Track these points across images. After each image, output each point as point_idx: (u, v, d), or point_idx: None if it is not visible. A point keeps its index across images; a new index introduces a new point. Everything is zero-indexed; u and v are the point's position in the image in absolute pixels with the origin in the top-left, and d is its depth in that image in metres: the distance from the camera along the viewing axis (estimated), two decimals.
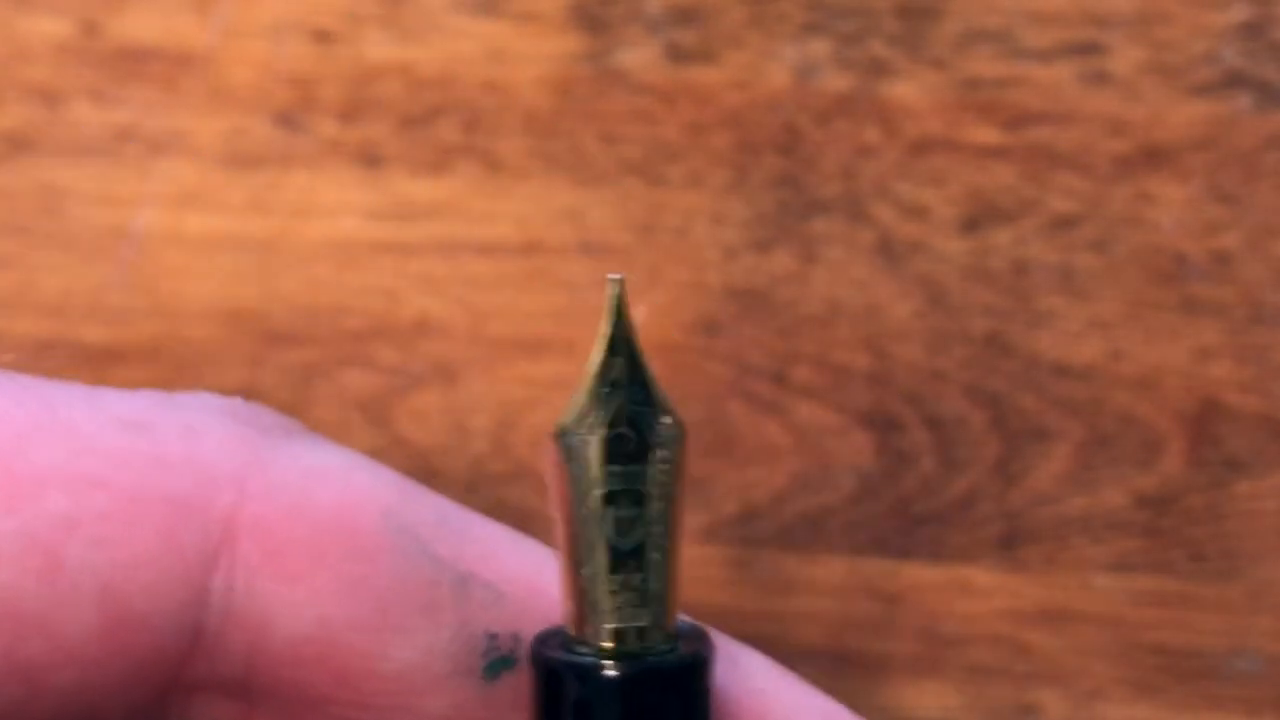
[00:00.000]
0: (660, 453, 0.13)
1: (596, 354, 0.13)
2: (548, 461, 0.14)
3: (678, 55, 0.22)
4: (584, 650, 0.14)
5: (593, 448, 0.13)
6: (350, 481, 0.14)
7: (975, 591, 0.21)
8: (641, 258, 0.23)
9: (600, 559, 0.14)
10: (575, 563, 0.14)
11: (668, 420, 0.14)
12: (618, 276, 0.13)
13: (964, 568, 0.21)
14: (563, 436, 0.14)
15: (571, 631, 0.14)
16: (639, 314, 0.22)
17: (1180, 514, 0.21)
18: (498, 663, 0.14)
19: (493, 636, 0.14)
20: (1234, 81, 0.21)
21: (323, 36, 0.22)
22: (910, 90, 0.22)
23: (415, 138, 0.23)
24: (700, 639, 0.14)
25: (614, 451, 0.13)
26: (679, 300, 0.23)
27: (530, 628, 0.14)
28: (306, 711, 0.15)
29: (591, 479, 0.14)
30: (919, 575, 0.22)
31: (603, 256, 0.23)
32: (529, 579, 0.15)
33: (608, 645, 0.14)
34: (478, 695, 0.14)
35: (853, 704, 0.15)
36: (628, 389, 0.13)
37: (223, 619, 0.14)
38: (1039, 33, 0.22)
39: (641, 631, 0.14)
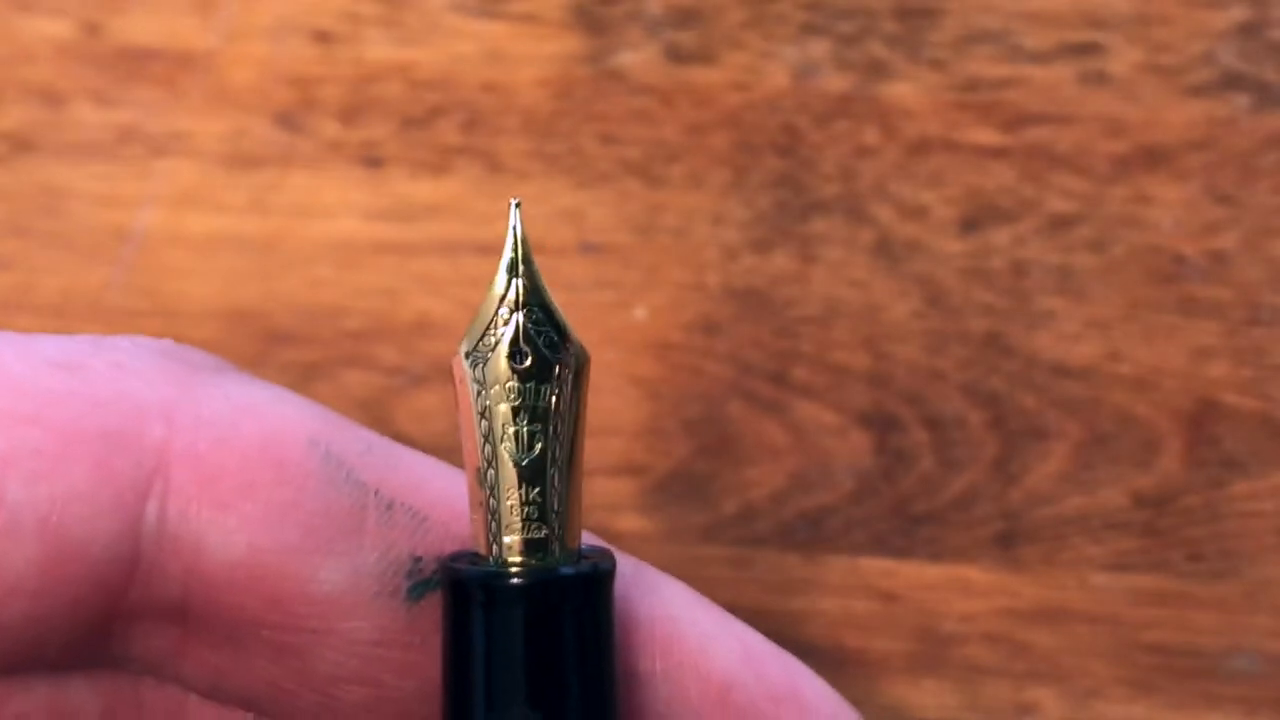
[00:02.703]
0: (560, 370, 0.14)
1: (497, 277, 0.14)
2: (455, 382, 0.14)
3: (677, 56, 0.23)
4: (489, 564, 0.14)
5: (492, 365, 0.14)
6: (277, 412, 0.15)
7: (973, 590, 0.22)
8: (641, 258, 0.23)
9: (504, 473, 0.14)
10: (480, 479, 0.14)
11: (567, 341, 0.14)
12: (517, 200, 0.14)
13: (962, 567, 0.22)
14: (467, 356, 0.14)
15: (480, 550, 0.14)
16: (638, 316, 0.23)
17: (1178, 514, 0.22)
18: (420, 585, 0.15)
19: (416, 560, 0.15)
20: (1231, 82, 0.22)
21: (323, 37, 0.22)
22: (909, 91, 0.22)
23: (415, 138, 0.23)
24: (603, 556, 0.15)
25: (513, 368, 0.14)
26: (679, 300, 0.23)
27: (453, 551, 0.15)
28: (240, 636, 0.15)
29: (493, 395, 0.14)
30: (917, 574, 0.22)
31: (603, 256, 0.23)
32: (452, 505, 0.15)
33: (512, 559, 0.14)
34: (402, 617, 0.15)
35: (851, 701, 0.15)
36: (527, 310, 0.14)
37: (157, 546, 0.15)
38: (1037, 34, 0.22)
39: (543, 544, 0.14)
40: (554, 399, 0.14)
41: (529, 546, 0.15)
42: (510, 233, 0.14)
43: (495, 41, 0.23)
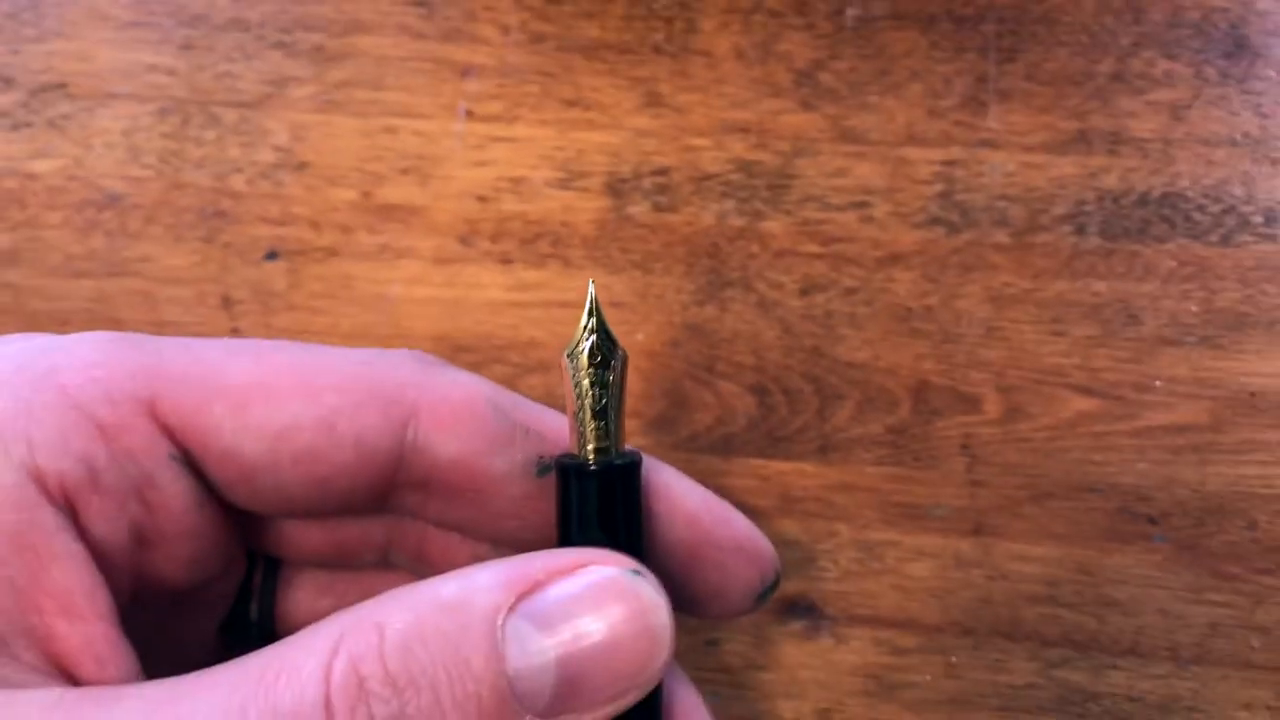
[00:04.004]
0: (614, 362, 0.20)
1: (582, 316, 0.20)
2: (561, 370, 0.20)
3: (659, 208, 0.33)
4: (579, 459, 0.20)
5: (579, 360, 0.20)
6: (473, 385, 0.21)
7: (806, 476, 0.30)
8: (640, 309, 0.32)
9: (585, 414, 0.20)
10: (575, 419, 0.20)
11: (618, 348, 0.20)
12: (591, 281, 0.20)
13: (800, 464, 0.30)
14: (568, 357, 0.20)
15: (575, 453, 0.20)
16: (639, 339, 0.31)
17: (908, 438, 0.30)
18: (544, 469, 0.21)
19: (541, 457, 0.21)
20: (935, 221, 0.32)
21: (482, 199, 0.33)
22: (775, 225, 0.32)
23: (528, 249, 0.32)
24: (636, 455, 0.20)
25: (591, 362, 0.20)
26: (659, 330, 0.32)
27: (560, 453, 0.20)
28: (455, 496, 0.21)
29: (581, 375, 0.20)
30: (779, 468, 0.30)
31: (621, 309, 0.32)
32: (559, 432, 0.21)
33: (589, 457, 0.20)
34: (535, 485, 0.21)
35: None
36: (596, 333, 0.20)
37: (413, 451, 0.20)
38: (838, 197, 0.32)
39: (605, 450, 0.20)
40: (610, 377, 0.20)
41: (598, 452, 0.20)
42: (589, 293, 0.20)
43: (568, 201, 0.33)
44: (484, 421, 0.20)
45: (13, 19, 0.36)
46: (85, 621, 0.18)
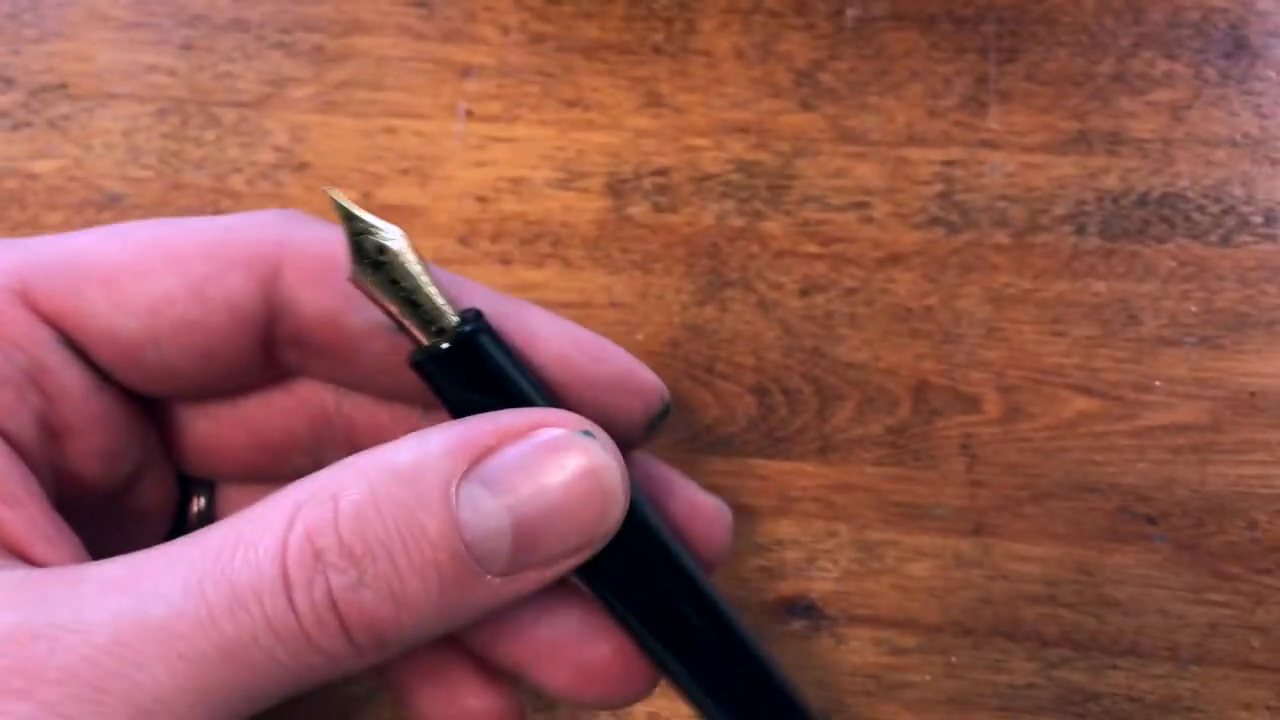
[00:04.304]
0: (391, 248, 0.19)
1: (340, 235, 0.19)
2: (365, 297, 0.19)
3: (658, 208, 0.33)
4: (427, 350, 0.19)
5: (363, 270, 0.18)
6: (334, 238, 0.20)
7: (805, 475, 0.30)
8: (640, 309, 0.32)
9: (405, 311, 0.19)
10: (400, 323, 0.19)
11: (385, 233, 0.19)
12: (332, 191, 0.18)
13: (800, 464, 0.30)
14: (352, 281, 0.19)
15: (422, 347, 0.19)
16: (639, 339, 0.30)
17: (908, 437, 0.30)
18: (400, 330, 0.19)
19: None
20: (934, 221, 0.32)
21: (482, 199, 0.33)
22: (775, 225, 0.32)
23: (528, 250, 0.32)
24: (475, 311, 0.19)
25: (366, 264, 0.18)
26: (659, 330, 0.32)
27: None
28: (328, 356, 0.21)
29: (372, 285, 0.19)
30: (779, 468, 0.30)
31: (621, 309, 0.31)
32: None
33: (433, 342, 0.19)
34: (391, 341, 0.20)
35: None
36: (359, 235, 0.19)
37: (281, 309, 0.20)
38: (838, 197, 0.33)
39: (442, 328, 0.19)
40: (398, 265, 0.19)
41: (437, 334, 0.19)
42: (335, 204, 0.18)
43: (568, 201, 0.33)
44: (341, 275, 0.20)
45: (13, 19, 0.36)
46: (25, 506, 0.18)
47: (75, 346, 0.20)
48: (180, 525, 0.24)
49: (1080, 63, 0.34)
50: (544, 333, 0.21)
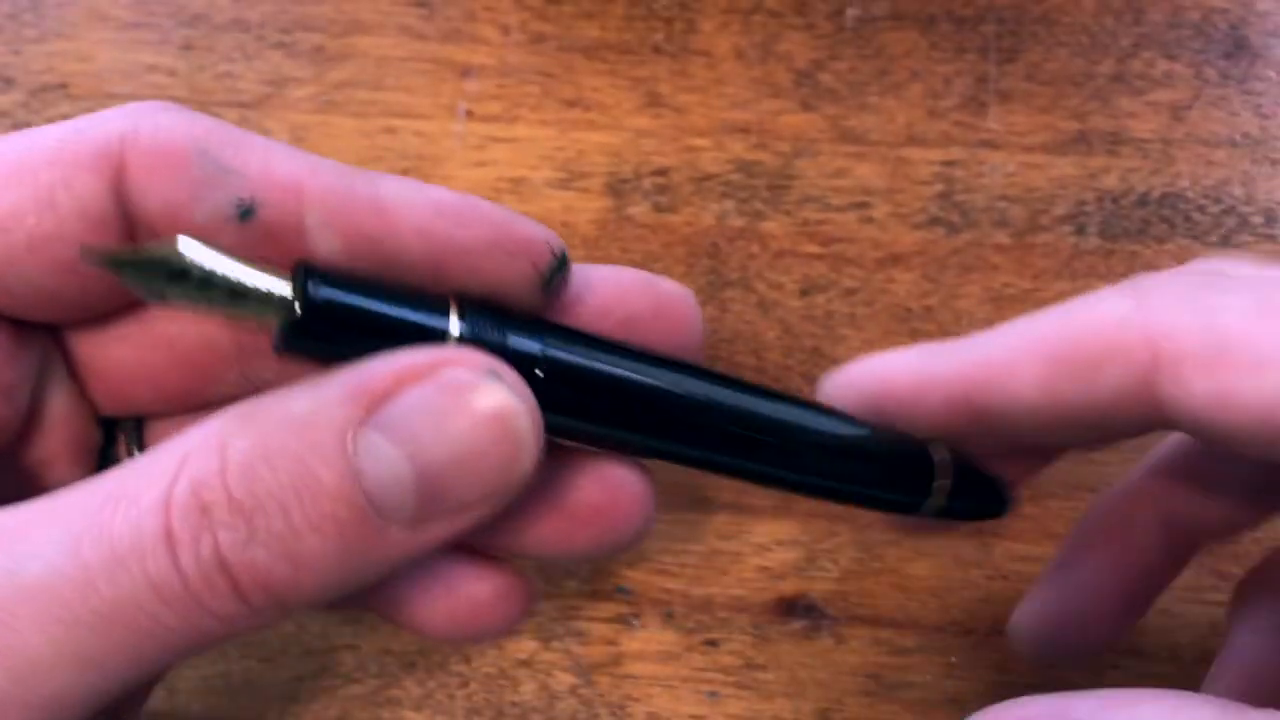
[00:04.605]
0: (168, 251, 0.17)
1: (121, 275, 0.17)
2: (190, 310, 0.17)
3: (659, 208, 0.33)
4: (284, 323, 0.17)
5: (151, 277, 0.17)
6: (178, 127, 0.19)
7: None
8: None
9: (230, 303, 0.17)
10: (230, 316, 0.18)
11: (165, 247, 0.17)
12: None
13: None
14: (156, 298, 0.17)
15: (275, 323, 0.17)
16: None
17: None
18: (244, 211, 0.19)
19: (240, 199, 0.19)
20: (934, 221, 0.33)
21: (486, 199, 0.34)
22: (775, 225, 0.33)
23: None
24: (306, 263, 0.18)
25: (152, 285, 0.17)
26: None
27: (261, 195, 0.19)
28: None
29: (173, 292, 0.17)
30: None
31: None
32: (263, 167, 0.19)
33: (284, 319, 0.17)
34: (238, 232, 0.19)
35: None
36: (142, 262, 0.17)
37: (131, 206, 0.19)
38: (837, 197, 0.33)
39: (282, 299, 0.17)
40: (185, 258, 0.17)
41: (280, 306, 0.17)
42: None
43: (568, 201, 0.33)
44: (184, 167, 0.18)
45: (13, 19, 0.37)
46: None
47: None
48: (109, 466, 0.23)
49: (1080, 63, 0.34)
50: (397, 205, 0.19)
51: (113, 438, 0.22)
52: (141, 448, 0.22)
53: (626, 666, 0.29)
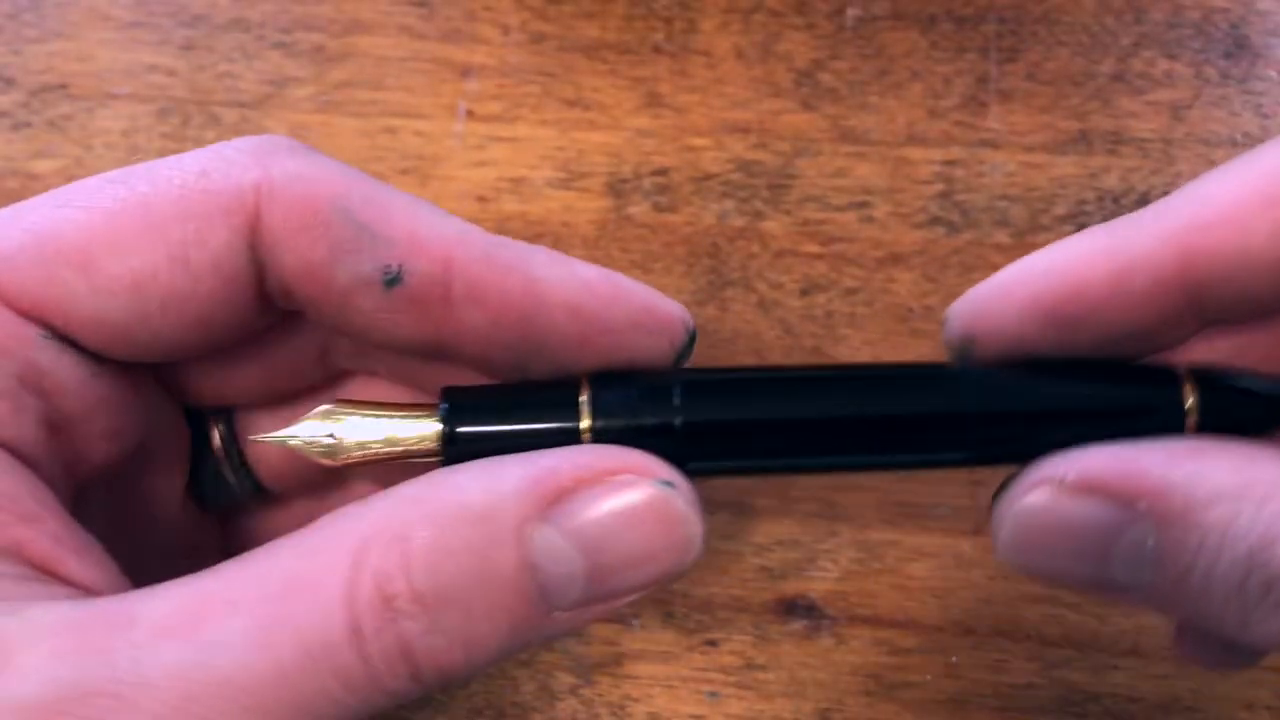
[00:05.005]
0: (336, 435, 0.20)
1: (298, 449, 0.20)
2: (359, 470, 0.21)
3: (659, 207, 0.33)
4: (431, 459, 0.20)
5: (337, 458, 0.20)
6: (318, 180, 0.19)
7: (806, 475, 0.29)
8: None
9: (385, 460, 0.20)
10: (393, 458, 0.20)
11: (322, 429, 0.20)
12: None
13: None
14: (332, 470, 0.20)
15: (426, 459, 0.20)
16: None
17: None
18: (390, 279, 0.19)
19: (388, 266, 0.19)
20: (935, 221, 0.32)
21: (482, 199, 0.33)
22: (775, 225, 0.32)
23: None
24: (443, 409, 0.19)
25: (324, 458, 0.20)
26: None
27: (409, 263, 0.19)
28: (315, 307, 0.20)
29: (322, 452, 0.20)
30: None
31: None
32: (411, 233, 0.19)
33: (432, 459, 0.20)
34: (382, 298, 0.19)
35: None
36: (312, 446, 0.20)
37: (266, 259, 0.19)
38: (838, 197, 0.33)
39: (430, 445, 0.19)
40: (339, 437, 0.20)
41: (426, 453, 0.19)
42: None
43: (568, 201, 0.33)
44: (325, 226, 0.18)
45: (13, 19, 0.36)
46: (44, 520, 0.18)
47: (63, 335, 0.19)
48: (202, 458, 0.23)
49: (1081, 62, 0.34)
50: (551, 282, 0.19)
51: (201, 428, 0.23)
52: (235, 440, 0.23)
53: (626, 666, 0.29)
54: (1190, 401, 0.18)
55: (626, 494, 0.17)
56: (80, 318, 0.18)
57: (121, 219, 0.18)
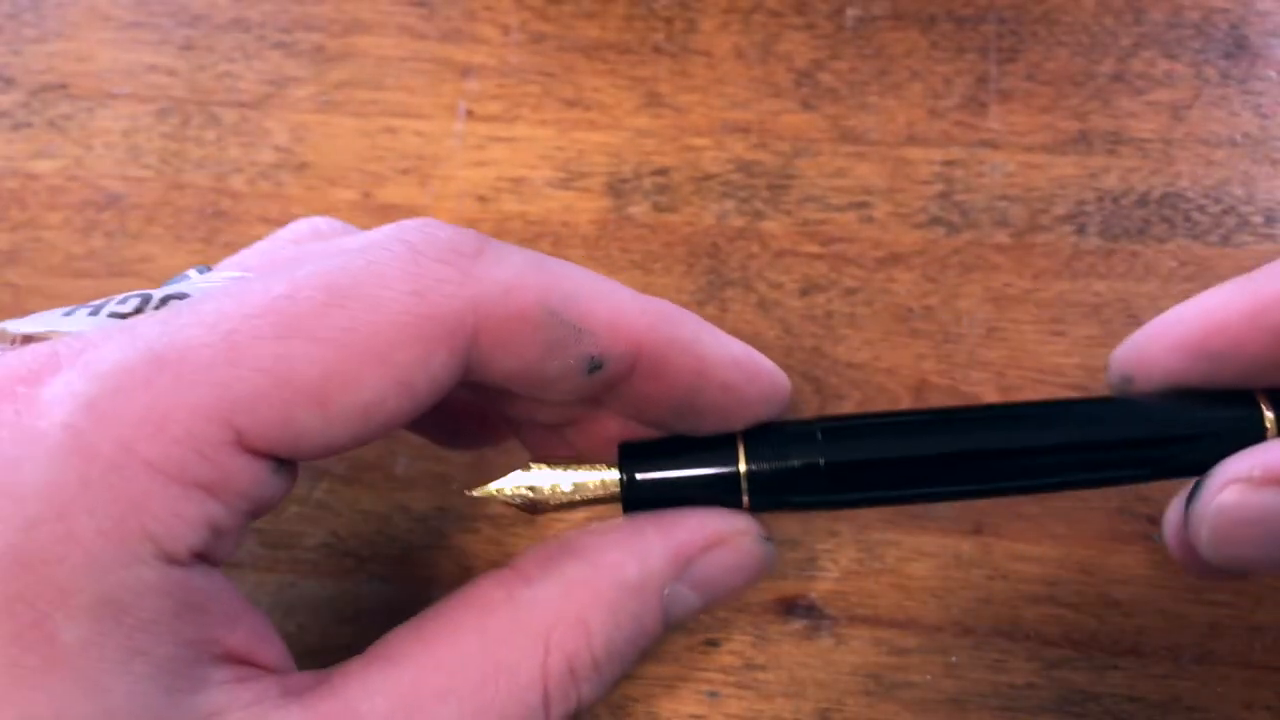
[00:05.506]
0: (537, 488, 0.23)
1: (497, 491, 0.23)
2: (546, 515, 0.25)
3: (659, 207, 0.33)
4: (618, 496, 0.23)
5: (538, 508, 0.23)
6: (524, 287, 0.20)
7: None
8: None
9: (570, 506, 0.23)
10: (582, 503, 0.23)
11: (520, 481, 0.23)
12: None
13: None
14: (528, 510, 0.23)
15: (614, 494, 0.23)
16: None
17: None
18: (594, 367, 0.21)
19: (592, 356, 0.21)
20: (934, 221, 0.32)
21: (481, 198, 0.33)
22: (775, 225, 0.32)
23: (528, 249, 0.33)
24: (624, 477, 0.23)
25: (522, 501, 0.23)
26: None
27: (611, 350, 0.21)
28: (527, 395, 0.22)
29: (539, 499, 0.23)
30: None
31: None
32: (611, 324, 0.21)
33: (620, 501, 0.23)
34: (586, 382, 0.21)
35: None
36: (514, 502, 0.23)
37: (476, 367, 0.20)
38: (837, 197, 0.33)
39: (616, 489, 0.23)
40: (543, 488, 0.23)
41: (615, 495, 0.23)
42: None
43: (568, 201, 0.33)
44: (537, 330, 0.20)
45: (13, 19, 0.36)
46: (241, 620, 0.19)
47: (288, 461, 0.20)
48: None
49: (1080, 63, 0.34)
50: (713, 361, 0.22)
51: None
52: None
53: None
54: (1270, 415, 0.22)
55: (739, 551, 0.22)
56: (308, 446, 0.19)
57: (352, 351, 0.18)
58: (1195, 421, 0.22)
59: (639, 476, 0.22)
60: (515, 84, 0.35)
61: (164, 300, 0.21)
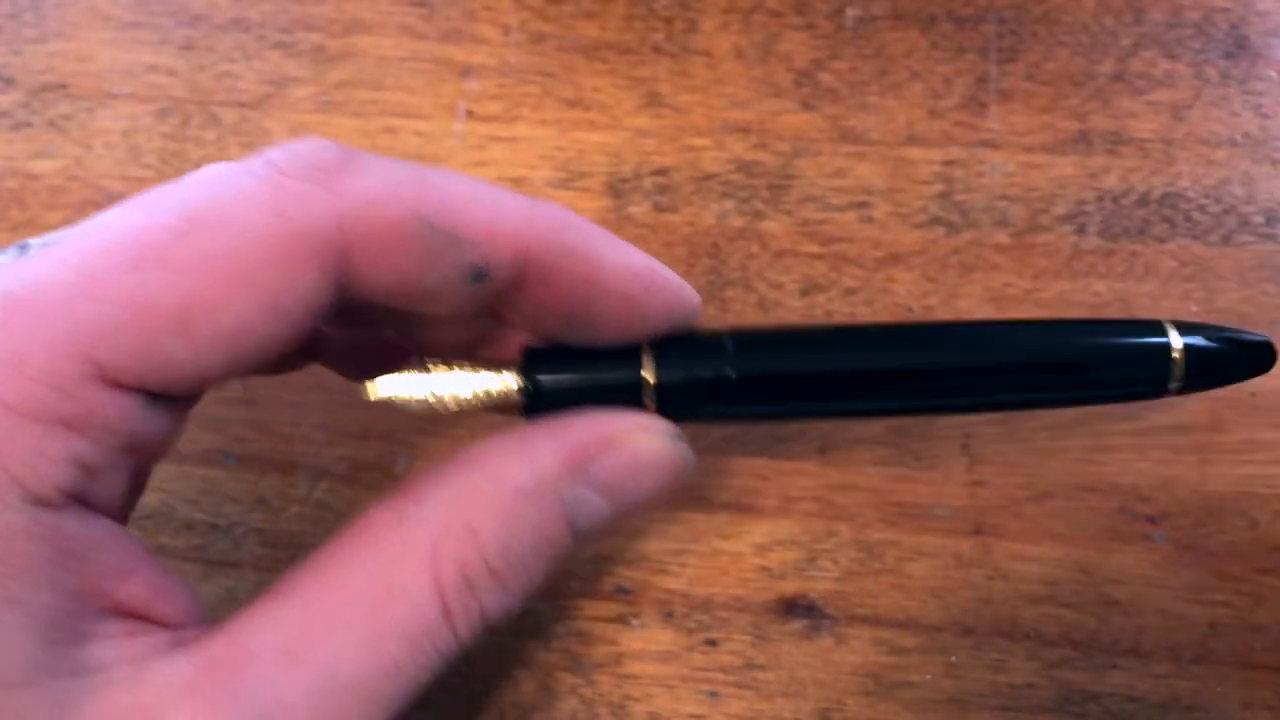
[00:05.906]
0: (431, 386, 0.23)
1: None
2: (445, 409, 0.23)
3: (659, 208, 0.33)
4: (518, 411, 0.23)
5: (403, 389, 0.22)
6: (396, 198, 0.19)
7: (806, 475, 0.29)
8: None
9: (465, 407, 0.23)
10: (481, 406, 0.22)
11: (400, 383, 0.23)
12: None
13: (800, 464, 0.29)
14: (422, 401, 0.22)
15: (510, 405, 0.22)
16: None
17: (909, 436, 0.30)
18: (477, 277, 0.20)
19: (474, 265, 0.20)
20: (934, 221, 0.32)
21: None
22: (775, 225, 0.32)
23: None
24: (532, 384, 0.22)
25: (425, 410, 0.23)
26: None
27: (493, 258, 0.20)
28: (400, 311, 0.21)
29: (420, 400, 0.23)
30: (779, 468, 0.29)
31: None
32: (489, 229, 0.20)
33: (520, 409, 0.23)
34: (470, 292, 0.20)
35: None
36: (411, 401, 0.23)
37: (351, 285, 0.20)
38: (837, 197, 0.32)
39: (515, 398, 0.22)
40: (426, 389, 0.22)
41: (511, 407, 0.22)
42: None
43: (568, 201, 0.33)
44: (411, 241, 0.19)
45: (13, 19, 0.36)
46: (136, 573, 0.19)
47: (158, 393, 0.19)
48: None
49: (1081, 63, 0.34)
50: (609, 271, 0.21)
51: None
52: None
53: (626, 666, 0.28)
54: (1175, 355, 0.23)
55: (641, 450, 0.21)
56: (180, 376, 0.18)
57: (214, 277, 0.18)
58: (1101, 347, 0.22)
59: (541, 379, 0.22)
60: (515, 84, 0.34)
61: (23, 247, 0.21)
